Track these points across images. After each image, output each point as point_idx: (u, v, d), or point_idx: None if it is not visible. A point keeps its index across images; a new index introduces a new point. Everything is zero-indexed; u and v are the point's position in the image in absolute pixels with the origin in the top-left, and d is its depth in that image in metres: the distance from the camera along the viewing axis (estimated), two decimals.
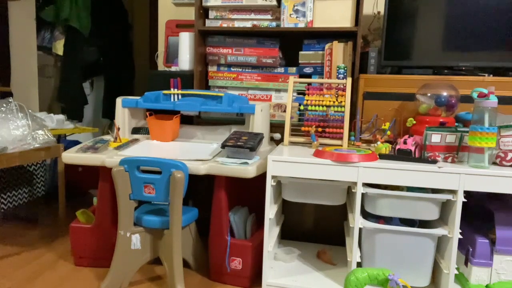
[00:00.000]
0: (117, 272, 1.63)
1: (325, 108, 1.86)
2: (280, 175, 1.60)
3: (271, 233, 1.67)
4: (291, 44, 2.15)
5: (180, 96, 1.93)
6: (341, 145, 1.77)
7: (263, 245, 1.62)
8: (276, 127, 2.07)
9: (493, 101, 1.43)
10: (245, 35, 2.11)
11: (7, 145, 2.04)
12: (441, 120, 1.71)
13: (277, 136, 2.03)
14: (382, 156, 1.58)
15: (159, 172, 1.58)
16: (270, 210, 1.62)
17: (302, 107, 1.98)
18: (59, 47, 3.38)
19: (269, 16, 2.05)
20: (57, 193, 2.44)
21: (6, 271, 1.80)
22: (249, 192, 1.92)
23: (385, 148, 1.66)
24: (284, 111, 2.09)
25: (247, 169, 1.58)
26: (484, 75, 1.83)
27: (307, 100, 1.88)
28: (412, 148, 1.56)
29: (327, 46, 2.00)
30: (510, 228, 1.52)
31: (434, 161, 1.53)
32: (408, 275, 1.59)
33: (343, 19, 1.95)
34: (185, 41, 2.16)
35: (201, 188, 2.05)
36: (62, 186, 2.40)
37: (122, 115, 1.96)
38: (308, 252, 1.96)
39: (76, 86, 3.49)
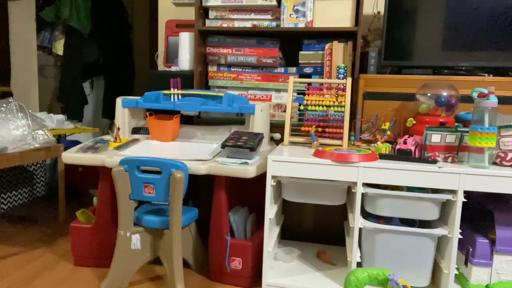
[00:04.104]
0: (117, 272, 1.63)
1: (325, 108, 1.86)
2: (280, 175, 1.60)
3: (271, 233, 1.68)
4: (291, 44, 2.15)
5: (180, 96, 1.93)
6: (341, 145, 1.77)
7: (263, 245, 1.62)
8: (276, 127, 2.07)
9: (493, 101, 1.43)
10: (245, 35, 2.11)
11: (7, 145, 2.04)
12: (441, 120, 1.71)
13: (277, 136, 2.03)
14: (382, 156, 1.58)
15: (159, 172, 1.58)
16: (270, 210, 1.62)
17: (302, 107, 1.98)
18: (59, 47, 3.38)
19: (269, 16, 2.05)
20: (57, 193, 2.44)
21: (6, 271, 1.80)
22: (249, 192, 1.92)
23: (385, 148, 1.66)
24: (284, 111, 2.09)
25: (247, 169, 1.58)
26: (484, 75, 1.83)
27: (307, 100, 1.88)
28: (412, 148, 1.56)
29: (327, 46, 2.00)
30: (510, 228, 1.52)
31: (434, 161, 1.53)
32: (408, 275, 1.59)
33: (343, 19, 1.95)
34: (185, 41, 2.16)
35: (201, 188, 2.04)
36: (62, 186, 2.40)
37: (122, 115, 1.96)
38: (308, 252, 1.96)
39: (76, 86, 3.49)
